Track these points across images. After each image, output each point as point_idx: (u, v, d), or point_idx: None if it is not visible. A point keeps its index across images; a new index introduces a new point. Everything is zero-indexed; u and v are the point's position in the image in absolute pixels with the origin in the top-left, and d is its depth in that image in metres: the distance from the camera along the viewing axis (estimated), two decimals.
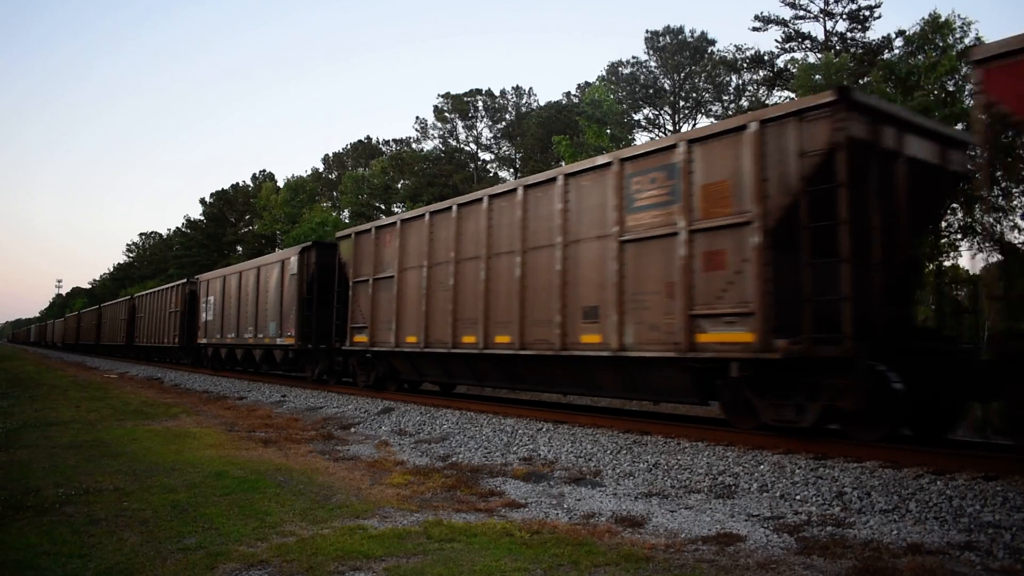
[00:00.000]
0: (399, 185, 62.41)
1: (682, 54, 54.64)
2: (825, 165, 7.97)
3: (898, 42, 38.39)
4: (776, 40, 44.57)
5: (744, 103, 50.32)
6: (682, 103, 55.86)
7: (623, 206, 10.17)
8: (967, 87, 20.40)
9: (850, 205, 7.83)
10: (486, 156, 66.47)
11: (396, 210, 58.83)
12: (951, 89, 22.28)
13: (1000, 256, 8.45)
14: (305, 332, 19.14)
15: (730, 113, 48.91)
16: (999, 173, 8.67)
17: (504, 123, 65.12)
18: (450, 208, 13.98)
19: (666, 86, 55.74)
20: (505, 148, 65.74)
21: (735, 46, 55.52)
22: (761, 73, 47.31)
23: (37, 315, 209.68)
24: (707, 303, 8.91)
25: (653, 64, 56.24)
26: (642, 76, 55.75)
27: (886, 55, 38.13)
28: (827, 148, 7.96)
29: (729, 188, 8.89)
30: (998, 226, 8.77)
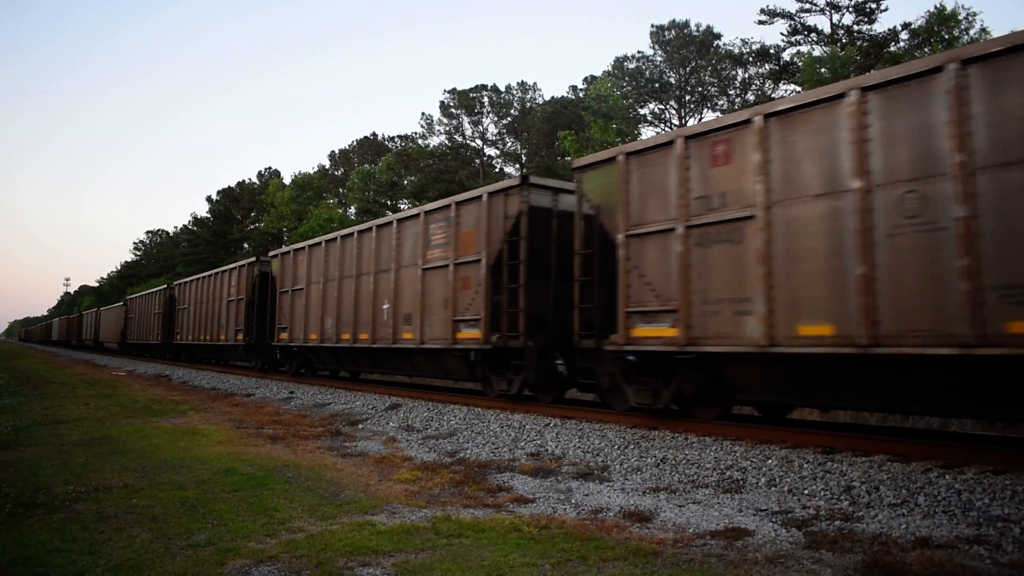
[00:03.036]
0: (405, 182, 62.42)
1: (688, 48, 54.41)
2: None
3: (904, 35, 38.24)
4: (782, 33, 44.36)
5: (750, 97, 50.16)
6: (688, 97, 55.68)
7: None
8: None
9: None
10: (492, 152, 66.51)
11: (402, 207, 58.83)
12: None
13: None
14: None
15: (736, 107, 48.73)
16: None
17: (510, 119, 65.06)
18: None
19: (672, 80, 55.54)
20: (511, 144, 65.72)
21: (741, 40, 55.37)
22: (767, 67, 47.14)
23: (45, 313, 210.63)
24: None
25: (659, 58, 56.05)
26: (648, 70, 55.56)
27: (892, 48, 37.98)
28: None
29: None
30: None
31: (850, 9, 41.87)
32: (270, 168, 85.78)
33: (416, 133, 71.35)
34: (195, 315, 29.92)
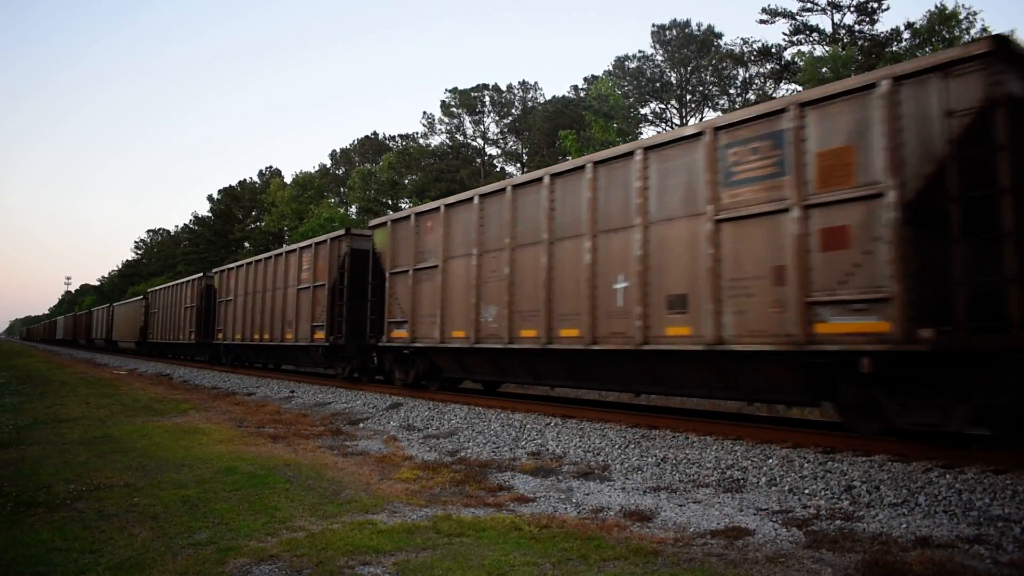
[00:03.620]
0: (406, 181, 62.43)
1: (688, 48, 54.38)
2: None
3: (906, 34, 38.22)
4: (783, 33, 44.41)
5: (751, 96, 50.13)
6: (689, 97, 55.66)
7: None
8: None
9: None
10: (493, 151, 66.48)
11: (403, 206, 58.85)
12: None
13: None
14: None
15: (737, 106, 48.71)
16: None
17: (511, 118, 65.04)
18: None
19: (673, 80, 55.52)
20: (512, 143, 65.71)
21: (741, 39, 55.35)
22: (768, 66, 47.15)
23: (47, 312, 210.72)
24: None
25: (659, 58, 56.01)
26: (648, 70, 55.52)
27: (894, 47, 37.96)
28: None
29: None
30: None
31: (851, 9, 41.86)
32: (271, 167, 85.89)
33: (417, 132, 71.51)
34: (246, 308, 24.06)
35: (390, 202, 61.64)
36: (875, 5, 41.26)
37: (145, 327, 40.02)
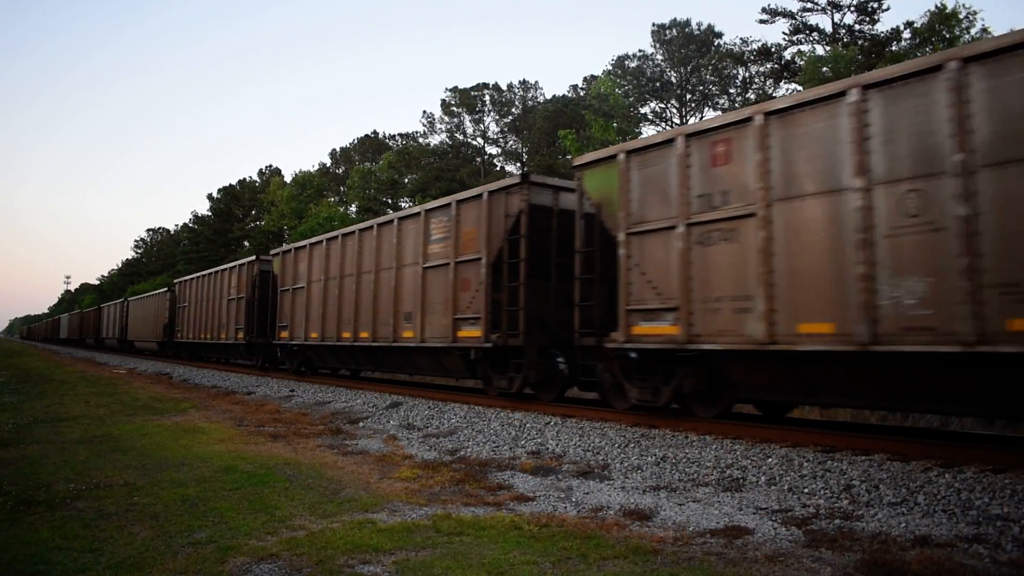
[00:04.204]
0: (406, 180, 62.42)
1: (688, 47, 54.35)
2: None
3: (906, 34, 38.20)
4: (783, 32, 44.34)
5: (751, 95, 50.11)
6: (689, 96, 55.65)
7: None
8: None
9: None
10: (493, 150, 66.48)
11: (403, 205, 58.82)
12: None
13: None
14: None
15: (737, 106, 48.69)
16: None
17: (511, 117, 65.03)
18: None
19: (672, 79, 55.50)
20: (512, 142, 65.70)
21: (741, 39, 55.36)
22: (768, 66, 47.11)
23: (46, 311, 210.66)
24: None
25: (660, 57, 55.99)
26: (648, 69, 55.49)
27: (894, 47, 37.94)
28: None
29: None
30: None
31: (851, 8, 41.84)
32: (271, 166, 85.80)
33: (417, 131, 71.48)
34: (326, 297, 18.92)
35: (390, 201, 61.61)
36: (875, 5, 41.23)
37: (171, 324, 34.84)
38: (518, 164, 62.87)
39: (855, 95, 7.63)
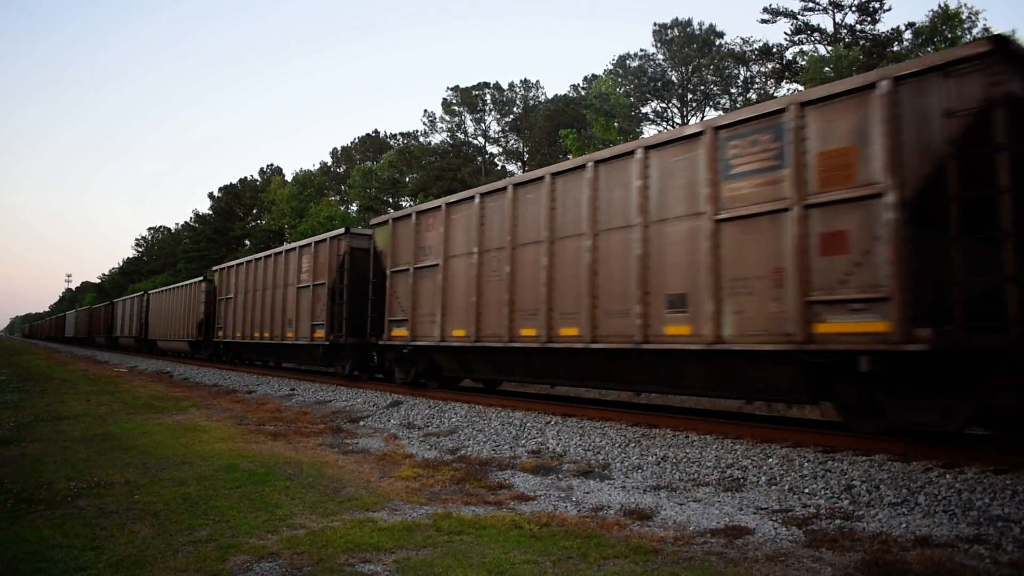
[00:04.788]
0: (407, 179, 62.42)
1: (690, 47, 54.36)
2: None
3: (907, 34, 38.20)
4: (785, 32, 44.49)
5: (752, 96, 50.10)
6: (690, 96, 55.64)
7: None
8: None
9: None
10: (494, 149, 66.48)
11: (404, 204, 58.86)
12: None
13: None
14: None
15: (738, 106, 48.68)
16: None
17: (512, 116, 65.04)
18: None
19: (674, 79, 55.48)
20: (513, 141, 65.70)
21: (742, 39, 55.34)
22: (769, 65, 47.12)
23: (47, 309, 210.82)
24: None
25: (661, 57, 55.98)
26: (650, 69, 55.49)
27: (895, 47, 37.93)
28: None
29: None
30: None
31: (853, 8, 41.83)
32: (272, 165, 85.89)
33: (418, 130, 71.46)
34: (457, 284, 14.91)
35: (391, 200, 61.64)
36: (876, 5, 41.26)
37: (209, 321, 28.90)
38: (519, 163, 62.88)
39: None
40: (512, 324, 11.97)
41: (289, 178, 69.54)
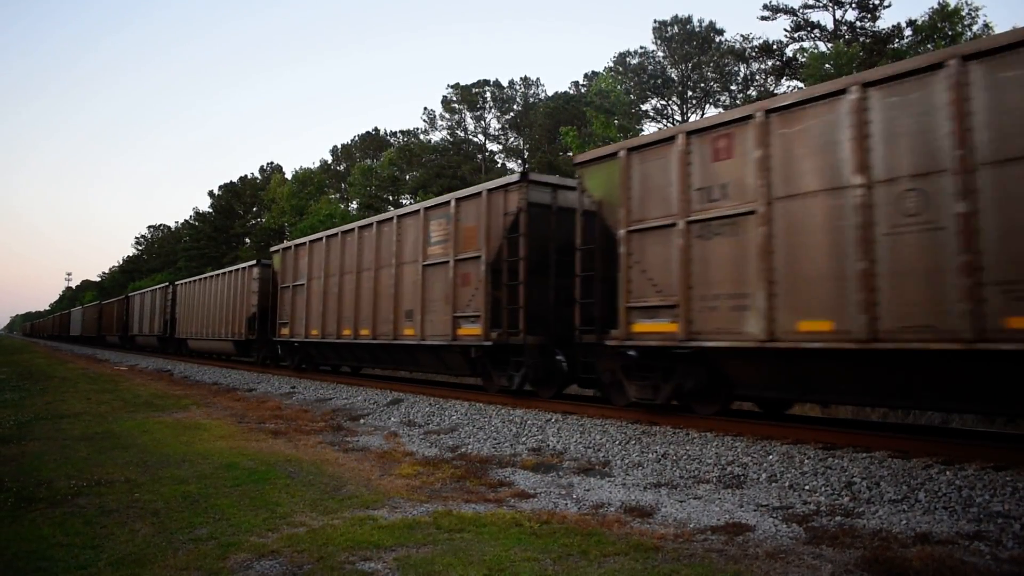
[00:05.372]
0: (407, 177, 62.42)
1: (690, 44, 54.32)
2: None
3: (908, 31, 38.17)
4: (785, 29, 44.45)
5: (752, 92, 50.07)
6: (690, 93, 55.61)
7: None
8: None
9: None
10: (494, 147, 66.50)
11: (404, 202, 58.86)
12: None
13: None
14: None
15: (738, 103, 48.63)
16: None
17: (512, 114, 65.03)
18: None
19: (674, 76, 55.46)
20: (513, 139, 65.71)
21: (742, 36, 55.31)
22: (769, 63, 47.08)
23: (47, 308, 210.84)
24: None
25: (661, 54, 55.98)
26: (650, 66, 55.48)
27: (895, 44, 37.89)
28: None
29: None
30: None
31: (853, 5, 41.78)
32: (272, 163, 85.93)
33: (418, 128, 71.40)
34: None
35: (391, 198, 61.63)
36: (876, 2, 41.18)
37: (265, 316, 23.19)
38: (519, 161, 62.86)
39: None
40: None
41: (289, 176, 69.53)
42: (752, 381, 9.17)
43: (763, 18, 46.03)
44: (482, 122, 66.14)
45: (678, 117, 54.72)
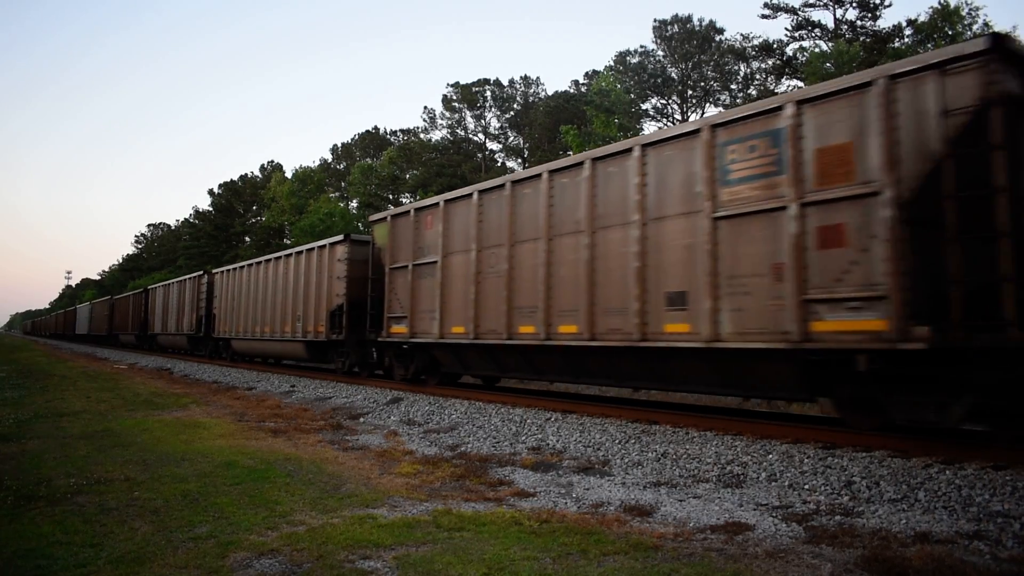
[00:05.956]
0: (407, 176, 62.40)
1: (690, 43, 54.34)
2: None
3: (908, 31, 38.16)
4: (786, 28, 44.53)
5: (752, 92, 50.06)
6: (690, 92, 55.60)
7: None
8: None
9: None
10: (494, 146, 66.50)
11: (404, 201, 58.85)
12: None
13: None
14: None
15: (739, 102, 48.62)
16: None
17: (512, 113, 65.05)
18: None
19: (674, 75, 55.47)
20: (513, 138, 65.70)
21: (743, 35, 55.32)
22: (770, 62, 47.08)
23: (47, 306, 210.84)
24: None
25: (661, 53, 56.01)
26: (650, 65, 55.49)
27: (896, 43, 37.88)
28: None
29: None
30: None
31: (854, 4, 41.78)
32: (272, 161, 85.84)
33: (418, 127, 71.44)
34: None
35: (391, 197, 61.64)
36: (877, 1, 41.19)
37: (355, 311, 17.73)
38: (519, 160, 62.85)
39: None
40: None
41: (289, 175, 69.54)
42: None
43: (764, 17, 46.14)
44: (482, 121, 66.25)
45: (678, 116, 54.73)
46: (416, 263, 14.78)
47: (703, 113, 53.39)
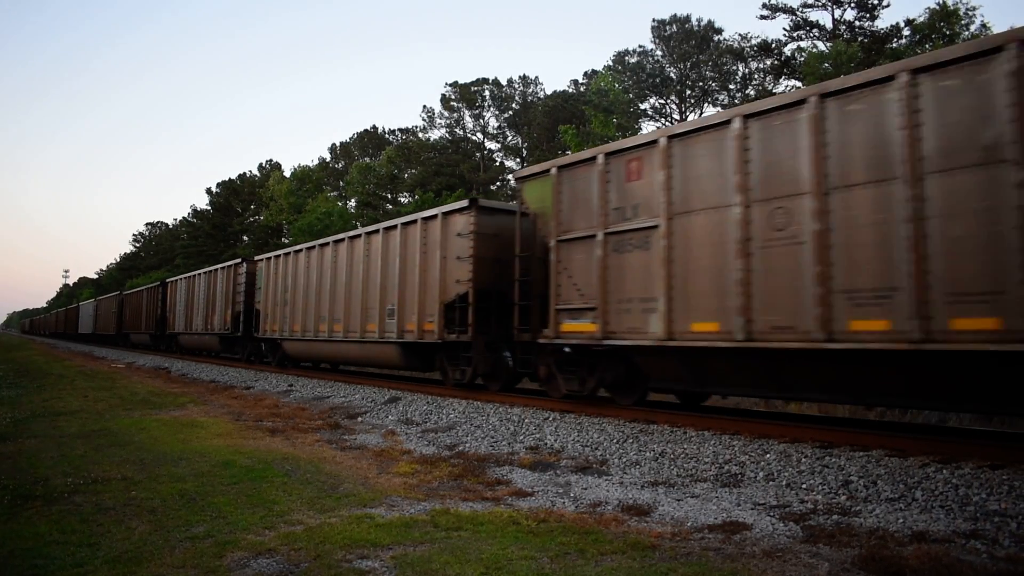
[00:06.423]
0: (406, 175, 62.40)
1: (688, 43, 54.36)
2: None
3: (906, 31, 38.19)
4: (784, 28, 44.56)
5: (751, 91, 50.08)
6: (688, 92, 55.62)
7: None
8: None
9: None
10: (493, 145, 66.47)
11: (403, 200, 58.86)
12: None
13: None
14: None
15: (737, 102, 48.63)
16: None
17: (511, 112, 65.04)
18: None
19: (672, 75, 55.47)
20: (512, 137, 65.69)
21: (741, 35, 55.35)
22: (768, 62, 47.11)
23: (44, 305, 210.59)
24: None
25: (659, 53, 56.01)
26: (648, 65, 55.48)
27: (894, 44, 37.92)
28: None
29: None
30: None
31: (852, 5, 41.81)
32: (271, 160, 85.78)
33: (417, 126, 71.39)
34: None
35: (389, 196, 61.63)
36: (875, 1, 41.21)
37: (479, 303, 13.20)
38: (518, 159, 62.86)
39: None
40: None
41: (288, 174, 69.49)
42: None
43: (762, 17, 46.15)
44: (481, 120, 66.19)
45: (677, 116, 54.74)
46: (611, 230, 10.48)
47: (701, 113, 53.41)
